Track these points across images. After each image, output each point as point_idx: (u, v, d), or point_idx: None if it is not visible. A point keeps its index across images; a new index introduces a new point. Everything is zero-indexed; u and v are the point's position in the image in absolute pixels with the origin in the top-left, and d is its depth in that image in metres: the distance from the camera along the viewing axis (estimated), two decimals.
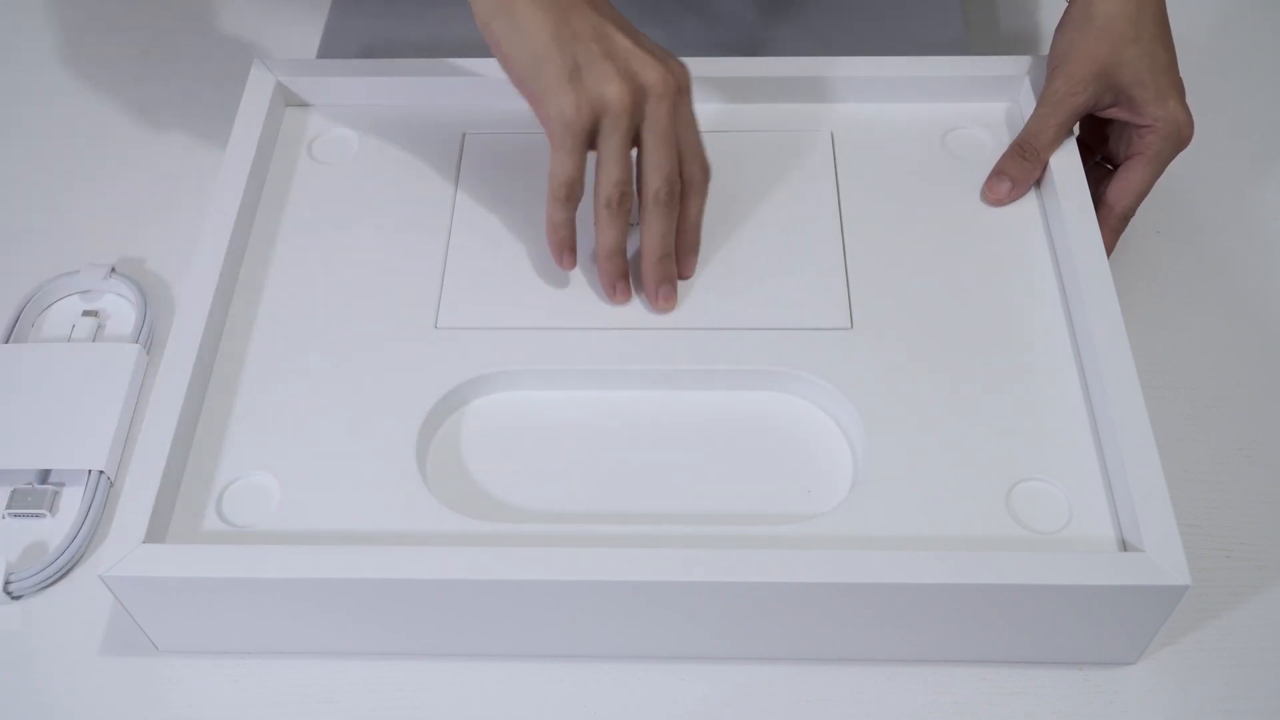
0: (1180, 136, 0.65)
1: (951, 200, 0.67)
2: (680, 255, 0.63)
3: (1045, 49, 0.72)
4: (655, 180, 0.59)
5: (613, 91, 0.57)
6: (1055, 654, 0.56)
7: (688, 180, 0.61)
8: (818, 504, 0.58)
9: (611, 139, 0.58)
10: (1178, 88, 0.65)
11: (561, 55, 0.57)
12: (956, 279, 0.64)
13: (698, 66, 0.70)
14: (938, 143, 0.70)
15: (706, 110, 0.71)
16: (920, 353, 0.61)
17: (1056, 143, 0.66)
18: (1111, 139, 0.68)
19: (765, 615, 0.54)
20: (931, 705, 0.56)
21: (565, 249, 0.62)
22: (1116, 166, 0.67)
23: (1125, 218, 0.66)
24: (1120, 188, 0.66)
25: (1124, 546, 0.54)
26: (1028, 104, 0.68)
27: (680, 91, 0.59)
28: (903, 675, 0.57)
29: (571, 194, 0.60)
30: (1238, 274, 0.71)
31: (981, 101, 0.71)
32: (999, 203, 0.66)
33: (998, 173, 0.66)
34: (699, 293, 0.64)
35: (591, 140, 0.58)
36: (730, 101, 0.71)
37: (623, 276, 0.62)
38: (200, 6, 0.86)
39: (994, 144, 0.69)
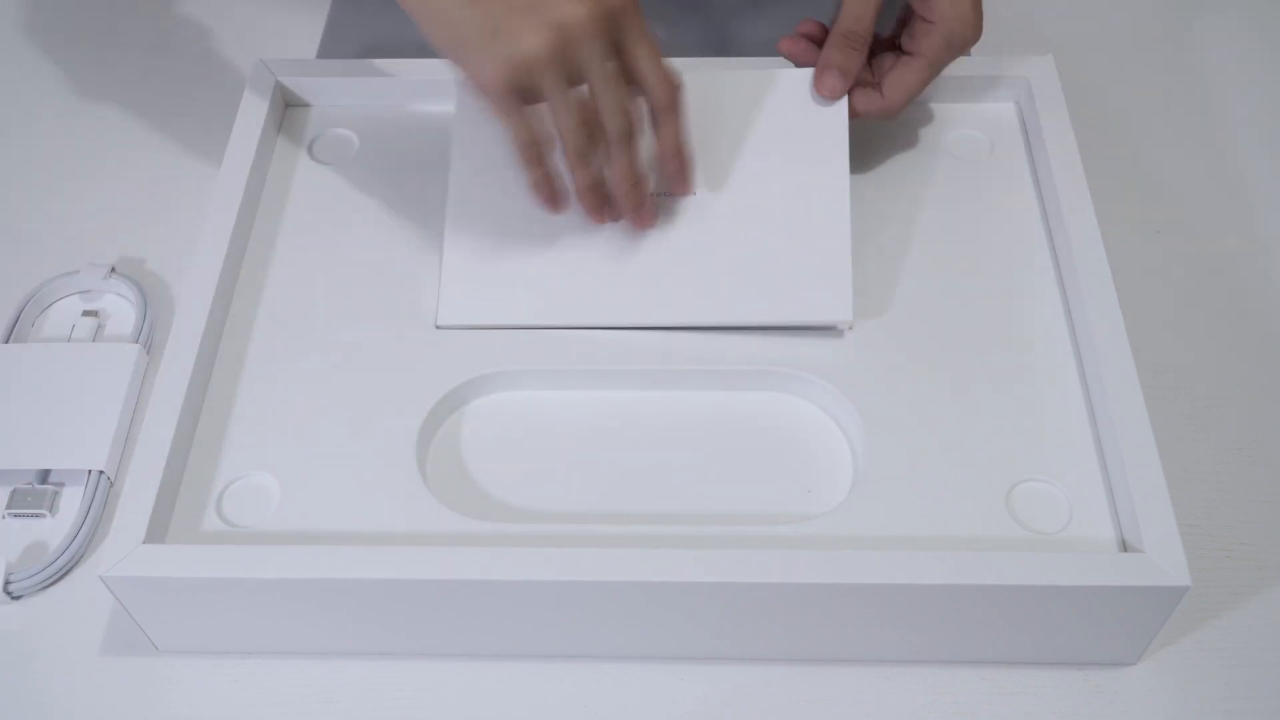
0: (960, 39, 0.63)
1: (951, 200, 0.67)
2: (674, 182, 0.63)
3: (1045, 49, 0.72)
4: (609, 123, 0.58)
5: (533, 44, 0.55)
6: (1055, 654, 0.56)
7: (655, 104, 0.60)
8: (818, 504, 0.58)
9: (551, 90, 0.57)
10: None
11: (481, 18, 0.55)
12: (956, 279, 0.64)
13: (698, 66, 0.70)
14: (938, 143, 0.70)
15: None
16: (920, 353, 0.61)
17: (873, 24, 0.63)
18: (906, 30, 0.65)
19: (765, 615, 0.54)
20: (931, 705, 0.56)
21: (554, 200, 0.62)
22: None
23: (890, 113, 0.65)
24: (897, 84, 0.64)
25: (1124, 547, 0.55)
26: (1028, 104, 0.68)
27: (615, 16, 0.56)
28: (903, 675, 0.57)
29: (538, 153, 0.59)
30: (1238, 274, 0.71)
31: (981, 102, 0.71)
32: (835, 95, 0.64)
33: (826, 67, 0.64)
34: (699, 292, 0.64)
35: (533, 93, 0.57)
36: None
37: (605, 203, 0.62)
38: (200, 6, 0.85)
39: (994, 144, 0.69)
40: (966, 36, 0.63)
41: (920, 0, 0.63)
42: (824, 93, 0.65)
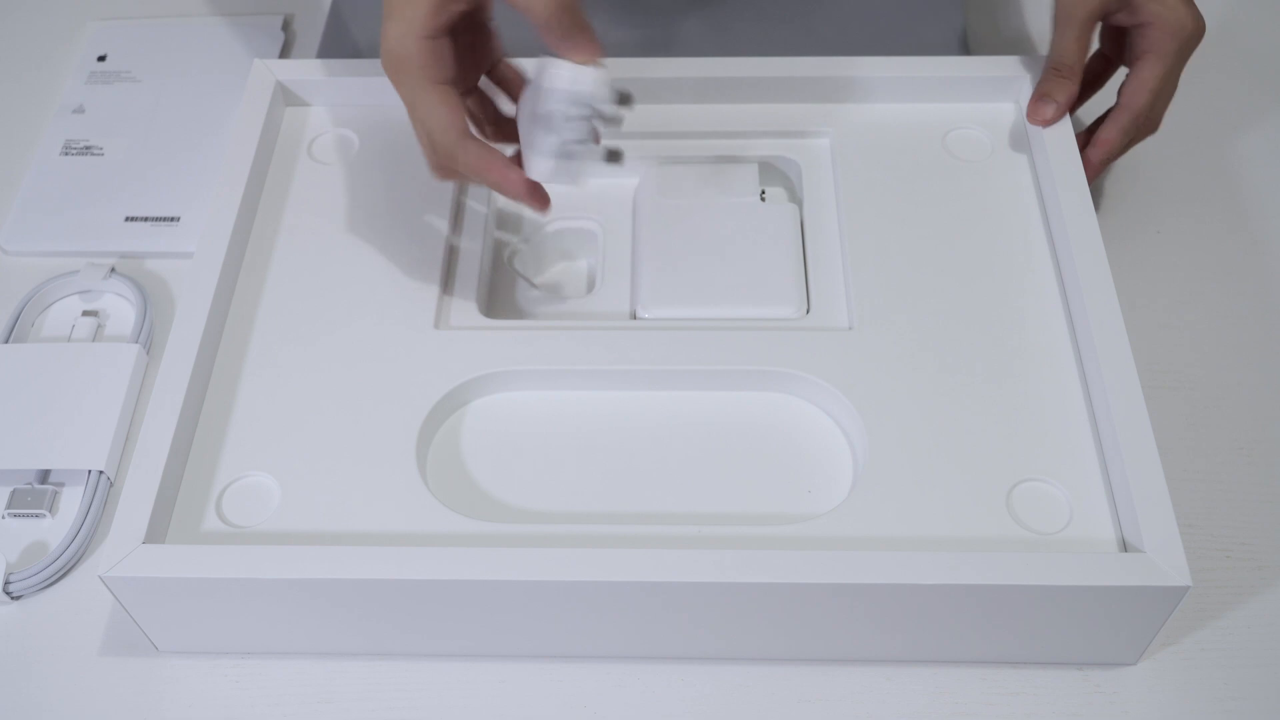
0: (1184, 30, 0.65)
1: (951, 200, 0.67)
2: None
3: (1045, 49, 0.72)
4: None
5: None
6: (1055, 654, 0.56)
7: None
8: (818, 504, 0.58)
9: None
10: None
11: None
12: (956, 279, 0.64)
13: (698, 66, 0.70)
14: (938, 143, 0.70)
15: (708, 111, 0.71)
16: (920, 353, 0.61)
17: (1083, 54, 0.67)
18: (1125, 48, 0.69)
19: (765, 615, 0.54)
20: (931, 705, 0.56)
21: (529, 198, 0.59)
22: None
23: (1137, 117, 0.67)
24: (1131, 87, 0.67)
25: (1124, 547, 0.55)
26: (1028, 104, 0.68)
27: None
28: (903, 675, 0.57)
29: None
30: (1238, 274, 0.71)
31: (981, 101, 0.71)
32: (1047, 124, 0.67)
33: (1041, 96, 0.67)
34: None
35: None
36: (730, 102, 0.71)
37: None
38: (200, 6, 0.85)
39: (994, 144, 0.69)
40: (1184, 24, 0.65)
41: (1127, 14, 0.66)
42: (1037, 121, 0.67)
